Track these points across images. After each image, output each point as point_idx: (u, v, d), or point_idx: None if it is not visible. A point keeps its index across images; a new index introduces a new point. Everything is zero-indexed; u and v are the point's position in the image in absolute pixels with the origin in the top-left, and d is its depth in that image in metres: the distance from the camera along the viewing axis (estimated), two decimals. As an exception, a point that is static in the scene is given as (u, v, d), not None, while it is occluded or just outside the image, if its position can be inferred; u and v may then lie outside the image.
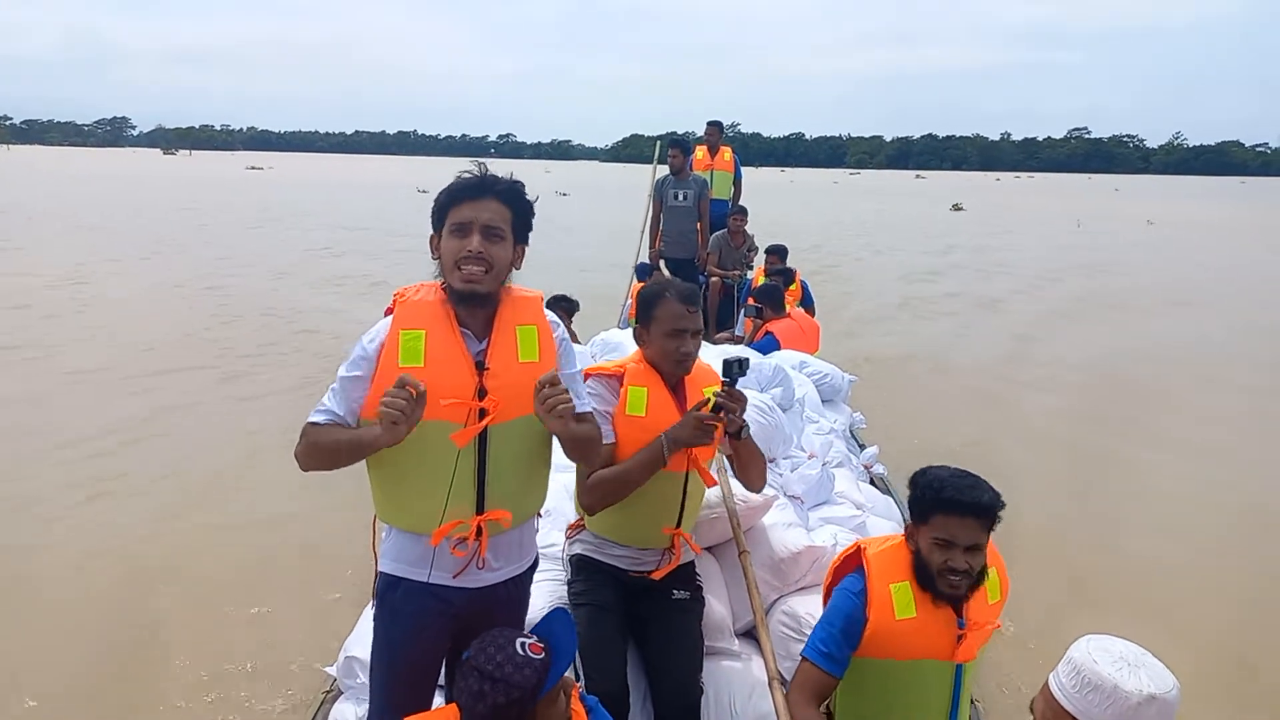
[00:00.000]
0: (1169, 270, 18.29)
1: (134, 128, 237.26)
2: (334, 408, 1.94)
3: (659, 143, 7.70)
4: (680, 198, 7.39)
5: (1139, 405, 8.12)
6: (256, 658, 3.80)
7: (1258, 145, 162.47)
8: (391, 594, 2.02)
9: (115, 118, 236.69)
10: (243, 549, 4.82)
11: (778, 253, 7.30)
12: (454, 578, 1.99)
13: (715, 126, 8.23)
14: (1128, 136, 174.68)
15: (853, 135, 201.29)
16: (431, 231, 1.98)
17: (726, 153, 8.15)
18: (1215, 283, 16.41)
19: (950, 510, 1.98)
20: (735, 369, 2.29)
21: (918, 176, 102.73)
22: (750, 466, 2.52)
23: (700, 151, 8.06)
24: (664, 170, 7.56)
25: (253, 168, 77.90)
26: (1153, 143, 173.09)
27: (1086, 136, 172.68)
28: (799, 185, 65.43)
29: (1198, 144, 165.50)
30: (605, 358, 4.35)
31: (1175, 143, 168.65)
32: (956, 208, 40.12)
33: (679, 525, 2.56)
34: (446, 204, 1.93)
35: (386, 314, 2.00)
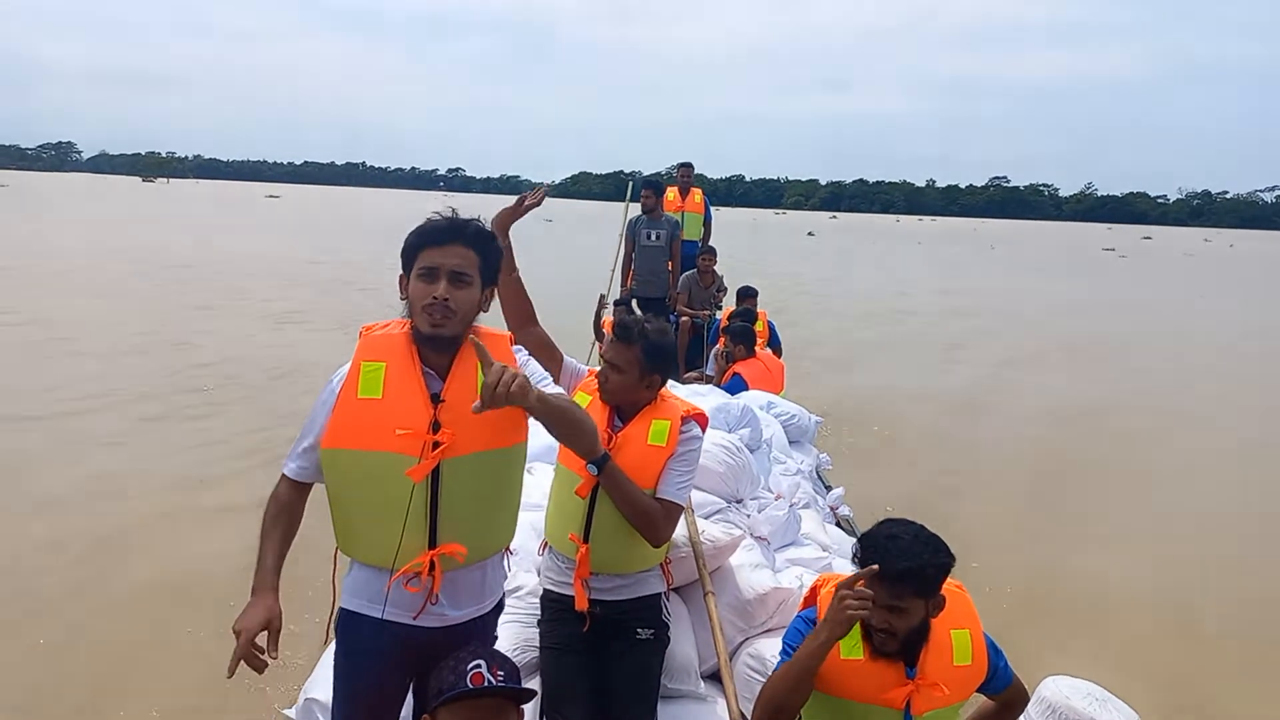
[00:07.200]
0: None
1: (79, 152, 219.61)
2: (300, 451, 1.93)
3: (631, 183, 7.64)
4: (653, 237, 7.36)
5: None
6: (208, 698, 3.44)
7: (1158, 196, 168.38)
8: (349, 630, 1.93)
9: (60, 142, 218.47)
10: (191, 576, 4.45)
11: (751, 295, 7.28)
12: (414, 617, 1.89)
13: (686, 168, 8.17)
14: (1043, 185, 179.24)
15: (790, 178, 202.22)
16: (401, 271, 1.93)
17: (697, 194, 8.10)
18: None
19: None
20: None
21: (832, 217, 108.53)
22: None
23: (672, 193, 8.00)
24: (636, 210, 7.48)
25: (271, 196, 74.97)
26: (1066, 191, 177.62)
27: (1005, 185, 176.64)
28: (724, 222, 66.85)
29: (1106, 194, 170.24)
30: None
31: (1086, 192, 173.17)
32: (809, 234, 50.41)
33: (586, 539, 2.36)
34: (416, 246, 1.88)
35: None
